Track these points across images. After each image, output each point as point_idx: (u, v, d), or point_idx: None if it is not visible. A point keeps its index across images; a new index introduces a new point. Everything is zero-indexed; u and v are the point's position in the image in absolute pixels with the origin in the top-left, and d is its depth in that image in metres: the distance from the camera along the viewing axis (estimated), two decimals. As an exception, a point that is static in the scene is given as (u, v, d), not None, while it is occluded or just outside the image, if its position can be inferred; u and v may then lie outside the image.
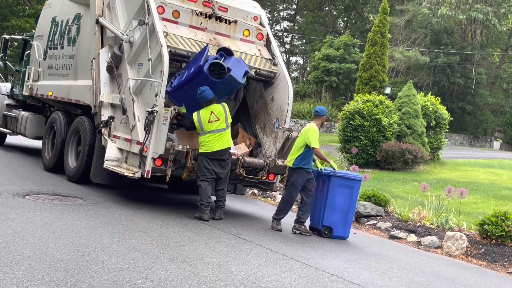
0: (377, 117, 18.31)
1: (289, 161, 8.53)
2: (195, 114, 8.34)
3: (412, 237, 9.41)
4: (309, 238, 8.30)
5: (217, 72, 8.22)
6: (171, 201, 9.95)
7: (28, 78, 12.82)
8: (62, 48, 11.68)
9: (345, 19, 61.40)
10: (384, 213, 10.69)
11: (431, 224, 9.94)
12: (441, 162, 21.64)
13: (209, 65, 8.19)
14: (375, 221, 10.30)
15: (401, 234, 9.55)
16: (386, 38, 30.51)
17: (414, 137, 19.43)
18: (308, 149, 8.40)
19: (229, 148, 8.44)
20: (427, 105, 21.10)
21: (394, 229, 9.87)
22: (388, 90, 30.45)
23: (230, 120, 8.51)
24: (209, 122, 8.25)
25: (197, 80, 8.24)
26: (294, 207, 9.75)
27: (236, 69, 8.43)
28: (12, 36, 16.73)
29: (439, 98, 22.50)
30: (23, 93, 13.19)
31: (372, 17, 42.82)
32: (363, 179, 11.51)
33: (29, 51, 13.59)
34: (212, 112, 8.30)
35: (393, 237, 9.49)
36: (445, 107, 22.18)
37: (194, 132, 8.87)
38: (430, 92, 24.76)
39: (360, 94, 22.06)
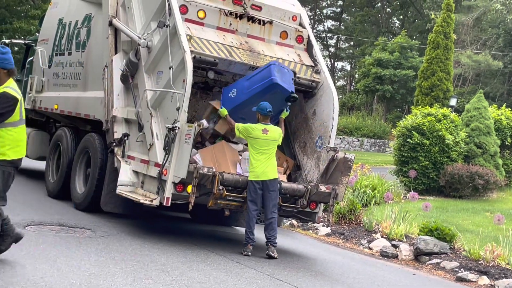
0: (440, 134, 18.06)
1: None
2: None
3: (484, 280, 9.25)
4: (359, 279, 8.21)
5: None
6: (194, 233, 9.99)
7: (31, 89, 13.09)
8: (69, 54, 11.92)
9: (401, 17, 61.15)
10: (450, 250, 10.54)
11: (507, 264, 9.76)
12: (519, 189, 21.19)
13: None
14: (438, 260, 10.17)
15: (471, 276, 9.39)
16: (451, 40, 30.18)
17: (485, 158, 19.10)
18: None
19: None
20: (501, 119, 20.74)
21: (462, 269, 9.72)
22: (453, 102, 30.08)
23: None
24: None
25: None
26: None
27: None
28: (13, 41, 17.11)
29: (515, 111, 22.12)
30: (25, 106, 13.46)
31: (434, 15, 42.45)
32: (424, 209, 11.45)
33: (32, 58, 13.86)
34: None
35: (460, 280, 9.35)
36: (523, 122, 21.78)
37: (221, 153, 8.90)
38: (505, 104, 24.36)
39: (420, 107, 21.83)
